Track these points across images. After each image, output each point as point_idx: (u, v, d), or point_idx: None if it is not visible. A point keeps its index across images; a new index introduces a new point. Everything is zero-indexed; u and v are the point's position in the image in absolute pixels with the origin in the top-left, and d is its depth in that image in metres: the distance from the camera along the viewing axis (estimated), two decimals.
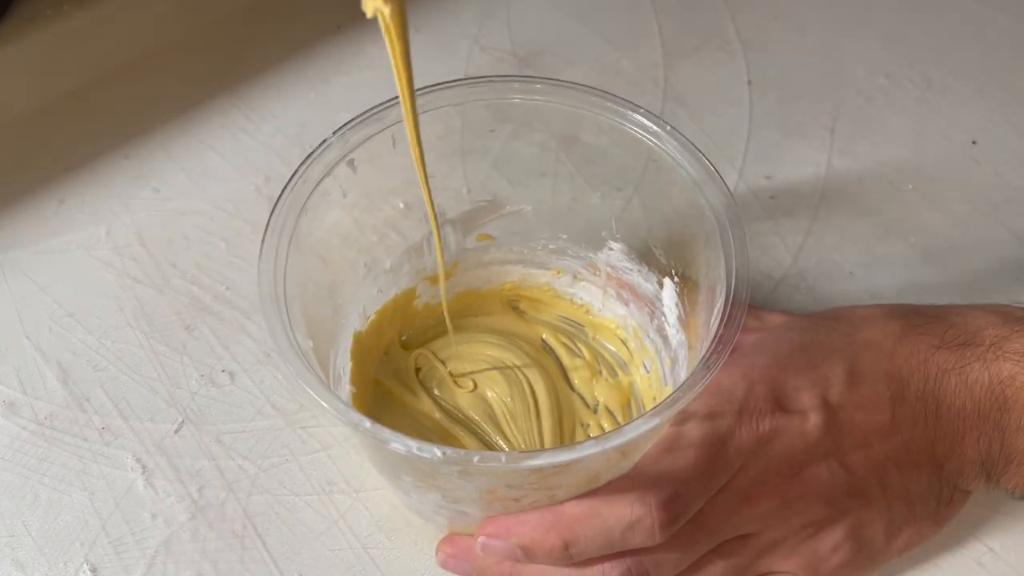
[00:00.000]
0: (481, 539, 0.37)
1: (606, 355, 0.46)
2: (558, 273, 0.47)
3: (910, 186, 0.52)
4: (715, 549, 0.38)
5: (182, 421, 0.46)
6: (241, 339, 0.48)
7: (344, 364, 0.43)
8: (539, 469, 0.33)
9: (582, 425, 0.45)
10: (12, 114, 0.55)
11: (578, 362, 0.46)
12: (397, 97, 0.39)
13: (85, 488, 0.44)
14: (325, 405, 0.33)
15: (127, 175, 0.53)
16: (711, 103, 0.56)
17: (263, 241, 0.37)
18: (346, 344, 0.43)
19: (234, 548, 0.43)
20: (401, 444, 0.32)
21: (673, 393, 0.33)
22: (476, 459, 0.32)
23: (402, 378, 0.45)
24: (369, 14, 0.28)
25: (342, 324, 0.43)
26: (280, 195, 0.38)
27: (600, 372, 0.46)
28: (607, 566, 0.37)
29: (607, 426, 0.44)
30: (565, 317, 0.48)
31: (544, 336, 0.47)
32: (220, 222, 0.52)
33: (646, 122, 0.39)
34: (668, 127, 0.39)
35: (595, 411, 0.45)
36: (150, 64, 0.56)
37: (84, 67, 0.56)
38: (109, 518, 0.44)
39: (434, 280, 0.47)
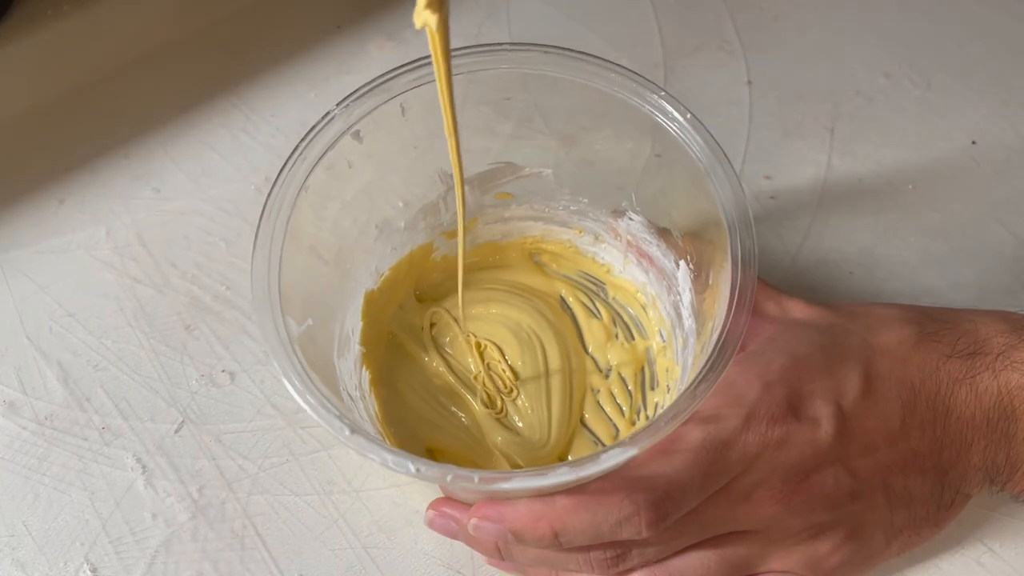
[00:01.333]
0: (474, 521, 0.37)
1: (624, 317, 0.46)
2: (580, 232, 0.47)
3: (910, 186, 0.52)
4: (710, 539, 0.38)
5: (182, 421, 0.46)
6: (241, 339, 0.48)
7: (354, 325, 0.43)
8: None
9: (592, 391, 0.45)
10: (12, 114, 0.55)
11: (595, 323, 0.46)
12: (402, 66, 0.40)
13: (85, 488, 0.44)
14: (307, 408, 0.34)
15: (127, 175, 0.53)
16: (711, 103, 0.55)
17: (259, 224, 0.37)
18: (357, 305, 0.44)
19: (234, 548, 0.43)
20: (377, 456, 0.33)
21: (654, 422, 0.33)
22: (449, 478, 0.32)
23: (415, 334, 0.45)
24: (418, 26, 0.31)
25: (351, 288, 0.43)
26: (279, 172, 0.38)
27: (616, 335, 0.46)
28: (595, 552, 0.38)
29: (617, 392, 0.44)
30: (586, 274, 0.48)
31: (563, 293, 0.47)
32: (220, 222, 0.52)
33: (666, 106, 0.39)
34: (689, 114, 0.39)
35: (607, 376, 0.45)
36: (150, 64, 0.56)
37: (84, 67, 0.56)
38: (109, 518, 0.44)
39: (451, 235, 0.46)
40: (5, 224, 0.52)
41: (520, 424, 0.44)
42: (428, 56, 0.39)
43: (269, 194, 0.38)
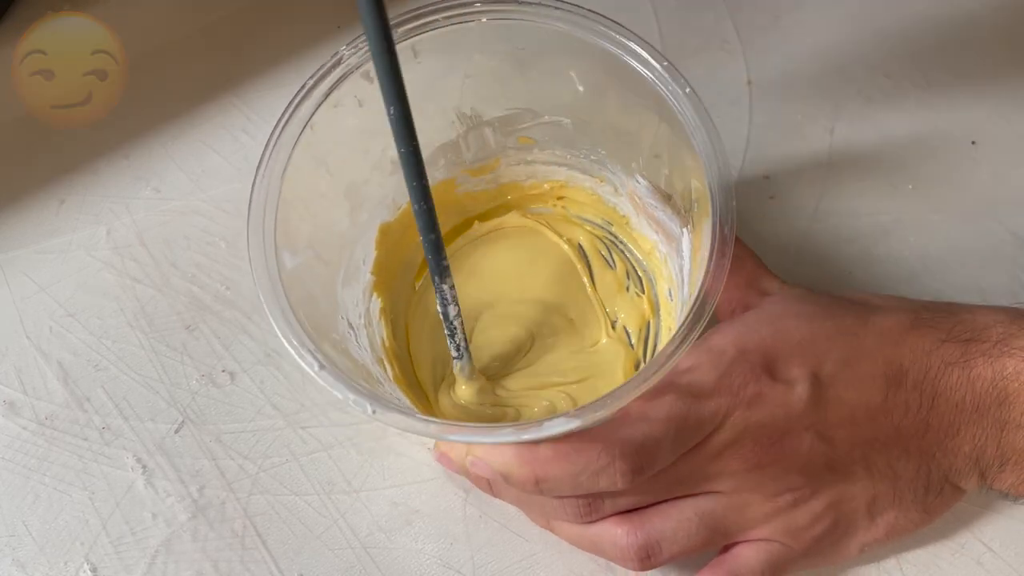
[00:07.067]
0: (471, 457, 0.39)
1: (639, 270, 0.47)
2: (601, 181, 0.47)
3: (910, 186, 0.52)
4: (687, 498, 0.39)
5: (182, 421, 0.46)
6: (241, 339, 0.48)
7: (366, 255, 0.44)
8: None
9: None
10: (12, 115, 0.55)
11: (608, 274, 0.47)
12: (409, 11, 0.40)
13: (85, 488, 0.45)
14: (281, 337, 0.36)
15: (127, 175, 0.53)
16: (711, 103, 0.55)
17: (260, 159, 0.38)
18: (371, 236, 0.44)
19: (234, 548, 0.43)
20: (341, 393, 0.35)
21: (602, 398, 0.35)
22: (402, 423, 0.34)
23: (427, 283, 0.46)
24: None
25: (365, 219, 0.44)
26: (284, 110, 0.38)
27: (627, 288, 0.46)
28: (569, 501, 0.39)
29: (619, 345, 0.45)
30: (608, 222, 0.48)
31: (581, 240, 0.48)
32: (220, 222, 0.52)
33: (667, 76, 0.40)
34: (688, 88, 0.39)
35: (612, 327, 0.46)
36: (150, 64, 0.56)
37: None
38: (109, 518, 0.44)
39: (474, 172, 0.47)
40: (5, 224, 0.52)
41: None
42: (435, 2, 0.40)
43: (272, 131, 0.38)
